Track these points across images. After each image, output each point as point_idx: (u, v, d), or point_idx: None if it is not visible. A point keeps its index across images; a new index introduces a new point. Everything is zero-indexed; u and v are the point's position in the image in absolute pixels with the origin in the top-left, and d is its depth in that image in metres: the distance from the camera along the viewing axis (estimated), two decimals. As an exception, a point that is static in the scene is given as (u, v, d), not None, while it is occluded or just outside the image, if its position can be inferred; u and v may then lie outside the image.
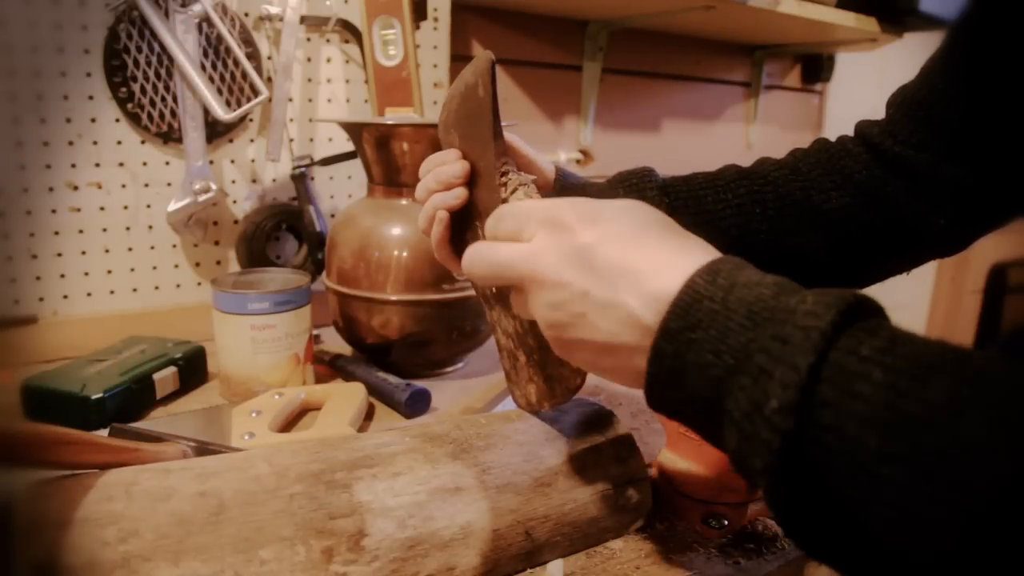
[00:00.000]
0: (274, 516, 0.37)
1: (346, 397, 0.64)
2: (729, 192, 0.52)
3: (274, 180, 0.92)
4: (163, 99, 0.81)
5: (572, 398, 0.46)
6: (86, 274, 0.81)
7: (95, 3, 0.76)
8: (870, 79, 1.73)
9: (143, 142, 0.82)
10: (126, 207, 0.82)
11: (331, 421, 0.59)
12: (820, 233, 0.51)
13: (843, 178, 0.51)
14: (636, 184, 0.53)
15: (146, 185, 0.83)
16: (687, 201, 0.52)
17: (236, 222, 0.90)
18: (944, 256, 0.54)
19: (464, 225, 0.49)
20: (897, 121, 0.50)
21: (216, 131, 0.85)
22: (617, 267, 0.33)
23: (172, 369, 0.68)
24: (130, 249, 0.84)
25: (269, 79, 0.88)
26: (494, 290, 0.48)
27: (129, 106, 0.80)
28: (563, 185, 0.55)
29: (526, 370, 0.47)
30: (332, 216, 0.96)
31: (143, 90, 0.80)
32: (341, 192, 0.97)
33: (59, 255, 0.79)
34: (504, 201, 0.45)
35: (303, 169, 0.88)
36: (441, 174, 0.48)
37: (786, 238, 0.51)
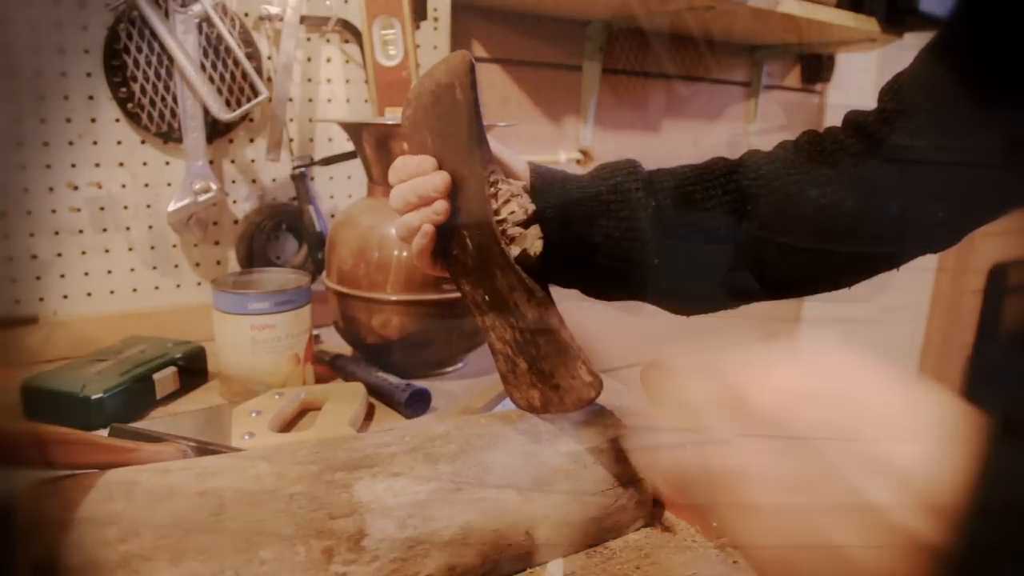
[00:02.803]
0: (274, 516, 0.37)
1: (346, 397, 0.64)
2: (719, 188, 0.51)
3: (274, 180, 0.91)
4: (163, 99, 0.81)
5: (582, 408, 0.45)
6: (86, 274, 0.81)
7: (95, 3, 0.76)
8: (870, 79, 1.73)
9: (143, 142, 0.82)
10: (126, 207, 0.82)
11: (331, 421, 0.59)
12: (812, 229, 0.50)
13: (836, 171, 0.50)
14: (620, 184, 0.51)
15: (146, 185, 0.83)
16: (675, 200, 0.51)
17: (236, 222, 0.90)
18: (937, 251, 0.52)
19: (447, 232, 0.47)
20: (892, 109, 0.48)
21: (216, 131, 0.85)
22: None
23: (172, 369, 0.68)
24: (130, 249, 0.83)
25: (269, 79, 0.88)
26: (486, 297, 0.47)
27: (129, 106, 0.80)
28: (540, 183, 0.52)
29: (527, 376, 0.47)
30: (332, 216, 0.96)
31: (143, 90, 0.80)
32: (341, 192, 0.97)
33: (59, 255, 0.79)
34: (496, 212, 0.44)
35: (303, 169, 0.88)
36: (420, 187, 0.46)
37: (778, 235, 0.50)
